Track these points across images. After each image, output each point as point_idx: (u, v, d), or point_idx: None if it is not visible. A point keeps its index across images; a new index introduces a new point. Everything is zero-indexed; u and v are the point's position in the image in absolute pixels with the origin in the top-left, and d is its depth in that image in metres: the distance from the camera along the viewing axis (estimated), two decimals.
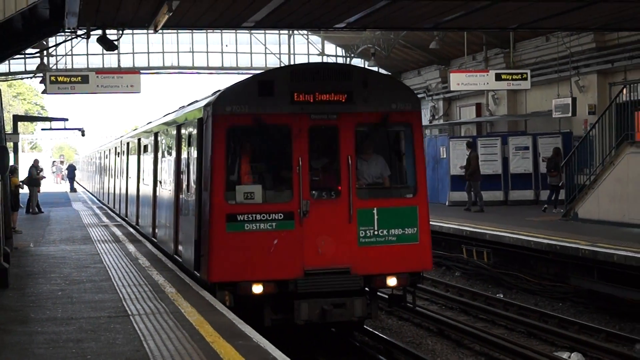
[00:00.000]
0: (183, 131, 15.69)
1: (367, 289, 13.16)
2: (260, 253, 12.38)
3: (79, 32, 18.67)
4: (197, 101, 15.83)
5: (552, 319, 16.20)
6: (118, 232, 23.51)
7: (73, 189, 58.38)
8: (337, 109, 12.82)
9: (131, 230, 23.97)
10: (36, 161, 36.32)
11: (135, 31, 32.02)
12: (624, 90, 23.26)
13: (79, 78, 33.56)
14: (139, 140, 23.87)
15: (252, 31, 35.18)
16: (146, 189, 21.46)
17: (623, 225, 20.64)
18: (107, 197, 36.87)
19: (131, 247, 19.25)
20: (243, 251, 12.33)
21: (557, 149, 26.75)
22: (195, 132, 13.97)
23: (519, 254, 20.10)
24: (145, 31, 26.94)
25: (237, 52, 39.80)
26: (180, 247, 15.52)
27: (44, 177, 44.18)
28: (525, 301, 18.35)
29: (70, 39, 22.57)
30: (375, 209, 12.90)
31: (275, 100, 12.63)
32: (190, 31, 36.62)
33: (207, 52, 39.80)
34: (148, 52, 38.92)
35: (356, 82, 13.02)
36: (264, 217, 12.39)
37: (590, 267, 17.13)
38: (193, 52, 39.56)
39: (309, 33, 37.44)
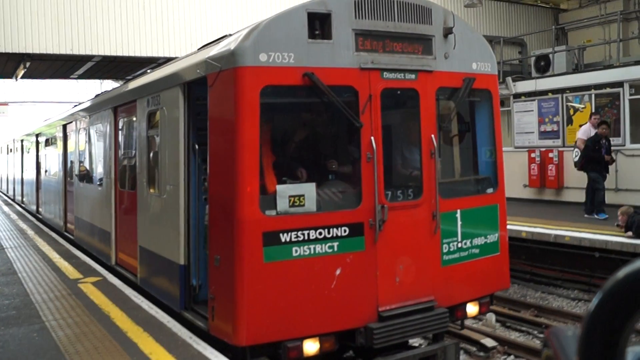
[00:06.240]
0: (140, 111, 8.61)
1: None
2: (316, 292, 5.85)
3: None
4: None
5: None
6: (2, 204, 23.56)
7: None
8: (415, 65, 6.49)
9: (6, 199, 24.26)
10: None
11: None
12: None
13: None
14: (37, 135, 18.37)
15: (78, 80, 38.01)
16: (53, 180, 15.58)
17: None
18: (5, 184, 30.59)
19: (6, 209, 20.97)
20: (290, 291, 5.74)
21: None
22: (171, 105, 7.29)
23: None
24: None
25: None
26: (121, 257, 9.43)
27: None
28: None
29: None
30: (458, 211, 6.82)
31: (333, 47, 6.00)
32: (40, 80, 39.11)
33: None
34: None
35: (437, 29, 6.68)
36: (320, 234, 5.81)
37: None
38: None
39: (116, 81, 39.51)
